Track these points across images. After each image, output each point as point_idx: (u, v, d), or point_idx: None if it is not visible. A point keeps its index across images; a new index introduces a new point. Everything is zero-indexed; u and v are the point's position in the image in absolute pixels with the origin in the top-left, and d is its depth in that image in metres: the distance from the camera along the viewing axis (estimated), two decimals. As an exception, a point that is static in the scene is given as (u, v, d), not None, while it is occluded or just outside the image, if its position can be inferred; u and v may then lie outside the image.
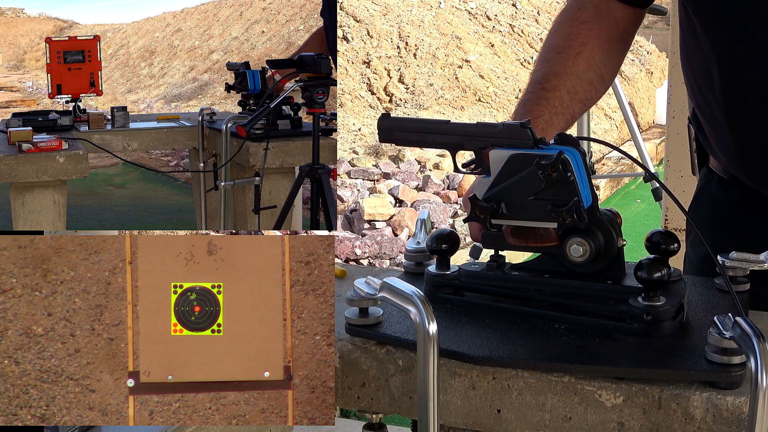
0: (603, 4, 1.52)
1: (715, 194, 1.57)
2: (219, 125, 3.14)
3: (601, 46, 1.50)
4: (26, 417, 1.18)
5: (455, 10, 10.52)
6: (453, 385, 1.12)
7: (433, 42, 9.76)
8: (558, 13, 1.58)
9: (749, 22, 1.36)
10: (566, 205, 1.13)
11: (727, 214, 1.55)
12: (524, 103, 1.47)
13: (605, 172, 7.81)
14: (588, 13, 1.52)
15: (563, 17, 1.55)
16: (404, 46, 9.60)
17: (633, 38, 1.56)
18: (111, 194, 7.19)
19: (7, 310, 1.17)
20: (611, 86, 1.75)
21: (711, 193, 1.59)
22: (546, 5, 11.26)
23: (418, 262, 1.38)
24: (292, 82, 2.98)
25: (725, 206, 1.56)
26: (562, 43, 1.51)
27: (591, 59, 1.50)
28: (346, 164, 7.52)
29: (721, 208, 1.56)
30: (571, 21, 1.53)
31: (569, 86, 1.48)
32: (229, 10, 14.61)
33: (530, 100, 1.46)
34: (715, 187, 1.57)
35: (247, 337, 1.18)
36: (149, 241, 1.19)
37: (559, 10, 1.58)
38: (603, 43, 1.50)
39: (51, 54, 3.33)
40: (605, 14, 1.52)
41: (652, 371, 1.05)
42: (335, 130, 3.09)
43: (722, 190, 1.56)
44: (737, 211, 1.54)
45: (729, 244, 1.29)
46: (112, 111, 3.28)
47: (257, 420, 1.20)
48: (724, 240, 1.49)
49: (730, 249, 1.26)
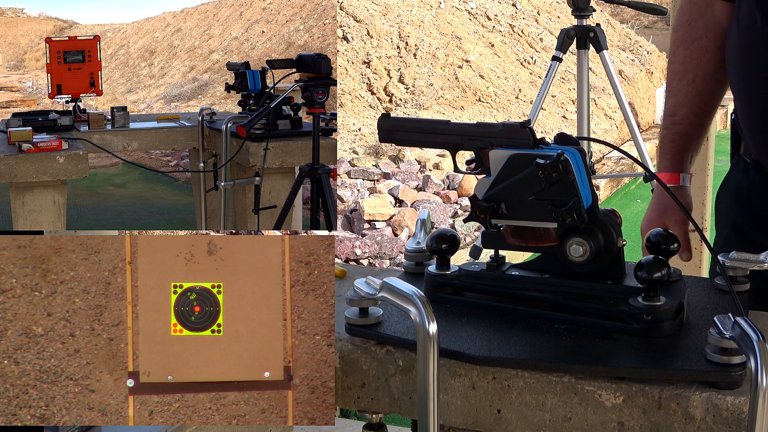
0: (708, 11, 1.64)
1: (739, 180, 1.64)
2: (219, 125, 3.14)
3: (712, 58, 1.65)
4: (26, 417, 1.18)
5: (455, 10, 10.52)
6: (453, 385, 1.12)
7: (433, 42, 9.75)
8: (672, 29, 1.72)
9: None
10: (566, 205, 1.13)
11: (746, 198, 1.61)
12: (663, 139, 1.69)
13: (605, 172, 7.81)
14: (698, 29, 1.65)
15: (678, 37, 1.69)
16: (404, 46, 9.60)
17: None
18: (111, 194, 7.18)
19: (6, 310, 1.17)
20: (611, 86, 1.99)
21: (735, 178, 1.65)
22: (546, 5, 11.25)
23: (418, 262, 1.38)
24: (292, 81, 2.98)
25: (745, 191, 1.62)
26: (680, 68, 1.69)
27: (707, 75, 1.66)
28: (346, 164, 7.52)
29: (741, 193, 1.63)
30: (684, 42, 1.69)
31: (696, 109, 1.67)
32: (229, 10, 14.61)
33: (666, 136, 1.69)
34: (740, 173, 1.64)
35: (247, 337, 1.18)
36: (149, 241, 1.19)
37: (673, 27, 1.72)
38: (713, 54, 1.65)
39: (51, 54, 3.33)
40: (711, 21, 1.63)
41: (652, 371, 1.05)
42: (335, 130, 3.09)
43: (745, 176, 1.62)
44: (755, 196, 1.59)
45: (747, 227, 1.30)
46: (112, 111, 3.28)
47: (257, 420, 1.19)
48: (743, 223, 1.54)
49: (748, 232, 1.27)
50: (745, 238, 1.29)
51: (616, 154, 8.27)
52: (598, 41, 3.86)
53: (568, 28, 3.91)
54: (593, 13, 3.93)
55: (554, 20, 10.88)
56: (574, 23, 3.91)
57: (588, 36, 3.87)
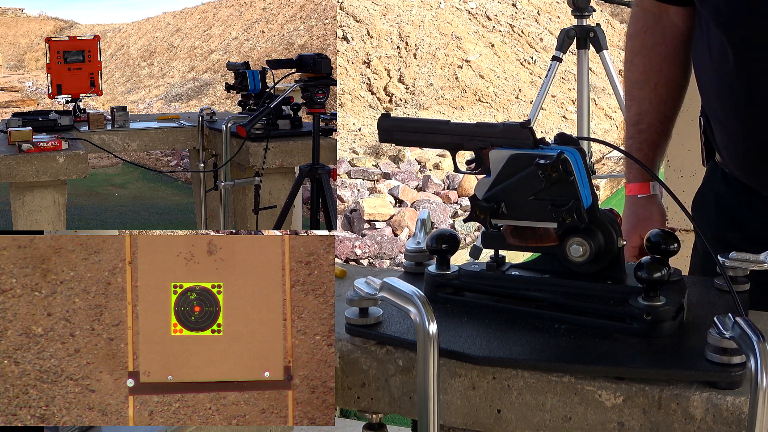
0: (664, 17, 1.62)
1: (719, 188, 1.61)
2: (219, 125, 3.14)
3: (673, 62, 1.64)
4: (26, 417, 1.18)
5: (455, 10, 10.52)
6: (453, 385, 1.12)
7: (433, 42, 9.76)
8: (626, 37, 1.70)
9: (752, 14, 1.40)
10: (566, 205, 1.13)
11: (729, 209, 1.59)
12: (629, 148, 1.66)
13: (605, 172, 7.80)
14: (655, 36, 1.64)
15: (635, 45, 1.67)
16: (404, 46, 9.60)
17: (692, 32, 1.63)
18: (111, 194, 7.18)
19: (6, 310, 1.17)
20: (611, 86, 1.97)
21: (714, 187, 1.63)
22: (546, 5, 11.26)
23: (418, 262, 1.38)
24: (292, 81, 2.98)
25: (727, 201, 1.59)
26: (640, 77, 1.67)
27: (669, 81, 1.65)
28: (346, 164, 7.52)
29: (723, 202, 1.60)
30: (642, 50, 1.66)
31: (660, 116, 1.66)
32: (229, 10, 14.60)
33: (633, 146, 1.66)
34: (719, 182, 1.61)
35: (247, 337, 1.18)
36: (149, 241, 1.19)
37: (627, 35, 1.70)
38: (674, 59, 1.64)
39: (51, 54, 3.33)
40: (668, 27, 1.62)
41: (652, 371, 1.05)
42: (335, 130, 3.09)
43: (725, 185, 1.59)
44: (738, 206, 1.57)
45: (731, 238, 1.29)
46: (112, 111, 3.28)
47: (257, 420, 1.19)
48: (726, 233, 1.52)
49: (732, 242, 1.26)
50: (729, 249, 1.29)
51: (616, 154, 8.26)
52: (598, 41, 3.87)
53: (568, 28, 3.92)
54: (593, 13, 3.94)
55: (554, 20, 10.88)
56: (574, 23, 3.92)
57: (588, 36, 3.87)
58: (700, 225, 1.59)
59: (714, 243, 1.52)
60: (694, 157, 1.93)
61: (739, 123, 1.48)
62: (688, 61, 1.63)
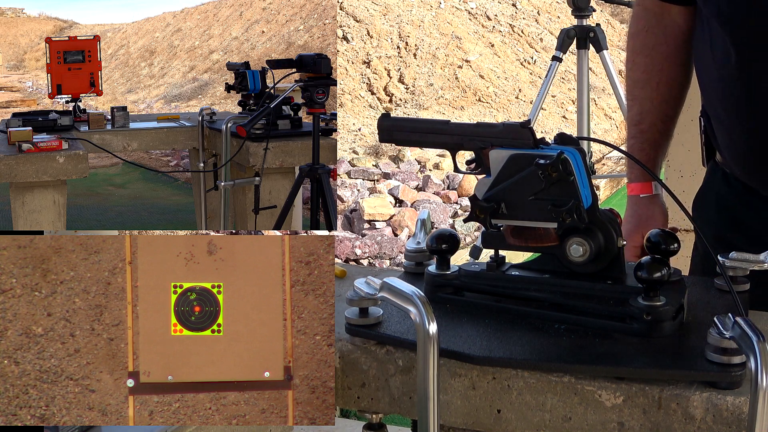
0: (665, 16, 1.62)
1: (719, 188, 1.62)
2: (219, 125, 3.14)
3: (674, 62, 1.64)
4: (26, 417, 1.18)
5: (455, 10, 10.52)
6: (453, 385, 1.12)
7: (433, 42, 9.76)
8: (628, 36, 1.70)
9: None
10: (566, 205, 1.13)
11: (729, 209, 1.59)
12: (631, 148, 1.67)
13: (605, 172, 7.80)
14: (657, 35, 1.63)
15: (636, 45, 1.67)
16: (404, 46, 9.60)
17: (694, 32, 1.63)
18: (111, 194, 7.19)
19: (6, 310, 1.17)
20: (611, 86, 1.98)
21: (715, 186, 1.63)
22: (546, 5, 11.26)
23: (418, 262, 1.38)
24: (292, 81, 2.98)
25: (727, 201, 1.60)
26: (642, 76, 1.67)
27: (671, 80, 1.65)
28: (346, 164, 7.52)
29: (723, 202, 1.61)
30: (643, 49, 1.66)
31: (661, 115, 1.66)
32: (229, 10, 14.60)
33: (635, 145, 1.67)
34: (719, 182, 1.61)
35: (247, 337, 1.18)
36: (149, 241, 1.19)
37: (629, 35, 1.70)
38: (676, 58, 1.64)
39: (51, 54, 3.33)
40: (670, 26, 1.62)
41: (652, 371, 1.05)
42: (335, 130, 3.09)
43: (726, 185, 1.60)
44: (739, 206, 1.58)
45: (731, 238, 1.29)
46: (112, 111, 3.28)
47: (257, 420, 1.19)
48: (726, 233, 1.52)
49: (732, 242, 1.26)
50: (729, 249, 1.28)
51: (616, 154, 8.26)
52: (598, 41, 3.87)
53: (568, 28, 3.92)
54: (593, 13, 3.94)
55: (554, 20, 10.88)
56: (574, 23, 3.92)
57: (588, 36, 3.87)
58: (700, 225, 1.59)
59: (714, 243, 1.52)
60: (694, 157, 1.93)
61: (740, 123, 1.49)
62: (689, 60, 1.63)
